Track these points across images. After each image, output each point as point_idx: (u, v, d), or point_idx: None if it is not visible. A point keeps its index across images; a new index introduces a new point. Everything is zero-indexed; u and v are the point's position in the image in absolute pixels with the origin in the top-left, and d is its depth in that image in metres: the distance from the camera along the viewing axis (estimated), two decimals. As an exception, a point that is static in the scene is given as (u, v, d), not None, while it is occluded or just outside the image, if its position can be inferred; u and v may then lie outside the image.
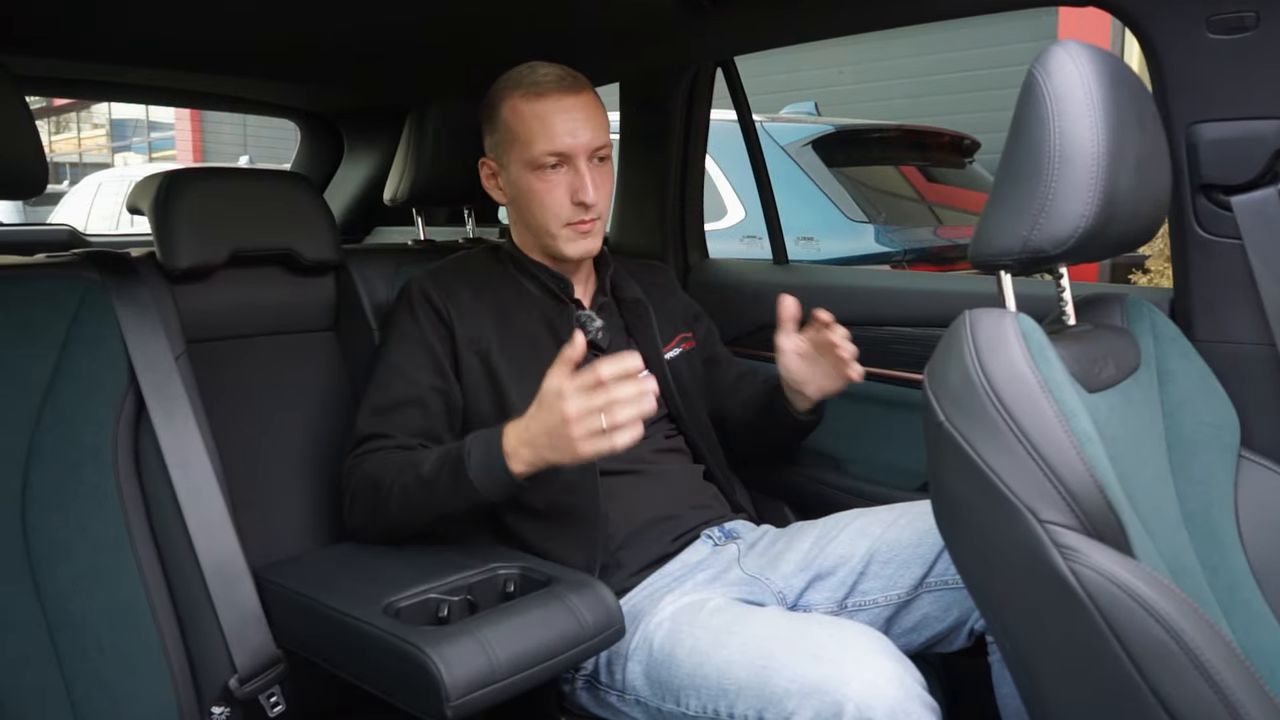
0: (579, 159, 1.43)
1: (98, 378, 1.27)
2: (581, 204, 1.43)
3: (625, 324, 1.56)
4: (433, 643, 1.07)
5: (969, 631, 1.30)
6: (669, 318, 1.63)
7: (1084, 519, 0.86)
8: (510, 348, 1.44)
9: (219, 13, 1.61)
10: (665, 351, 1.56)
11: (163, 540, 1.26)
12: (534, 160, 1.43)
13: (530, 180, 1.44)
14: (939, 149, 4.20)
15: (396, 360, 1.42)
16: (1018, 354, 0.90)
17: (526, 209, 1.47)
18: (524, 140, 1.43)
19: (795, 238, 3.15)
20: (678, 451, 1.55)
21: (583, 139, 1.42)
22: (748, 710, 1.13)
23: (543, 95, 1.42)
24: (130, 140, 18.42)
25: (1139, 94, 1.01)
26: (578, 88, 1.45)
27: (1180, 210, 1.27)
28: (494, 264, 1.55)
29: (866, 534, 1.37)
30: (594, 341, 1.48)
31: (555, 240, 1.46)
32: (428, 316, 1.43)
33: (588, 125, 1.43)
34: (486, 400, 1.43)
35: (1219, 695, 0.80)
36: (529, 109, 1.43)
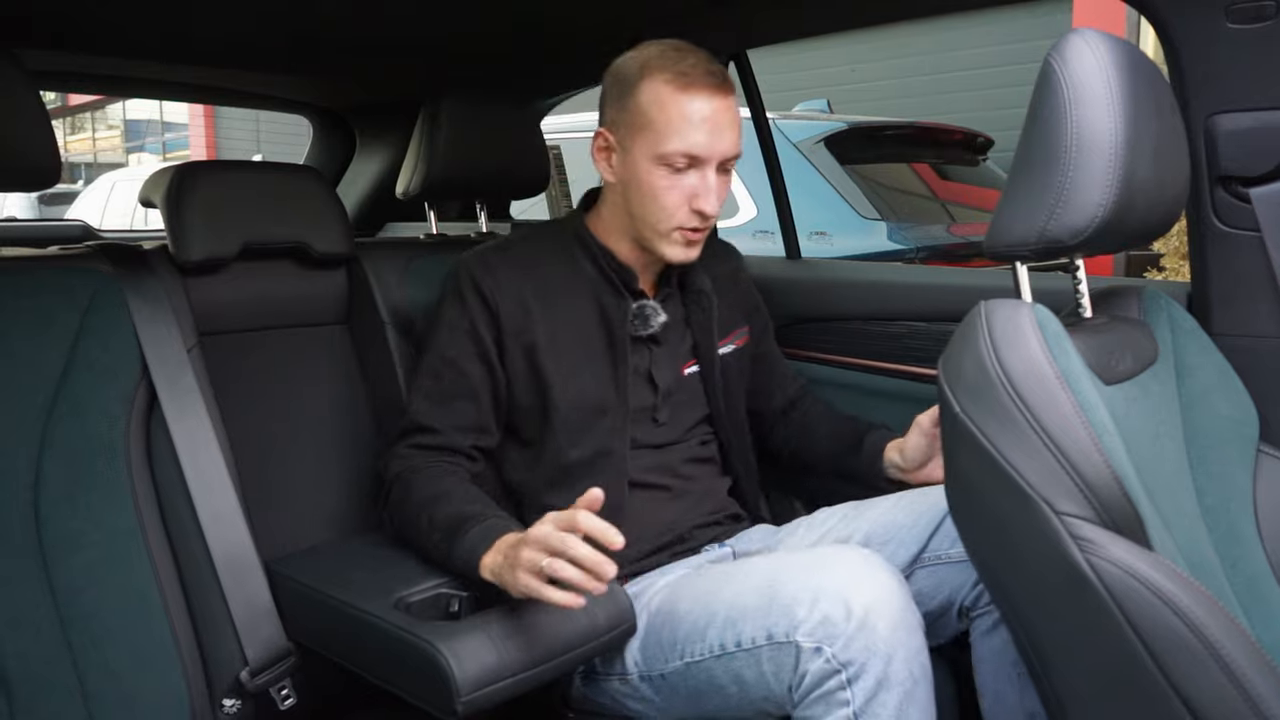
0: (709, 166, 1.33)
1: (110, 369, 1.27)
2: (700, 212, 1.34)
3: (686, 313, 1.50)
4: (444, 638, 1.07)
5: (959, 609, 1.30)
6: (731, 310, 1.56)
7: (1101, 511, 0.85)
8: (558, 341, 1.39)
9: (233, 8, 1.61)
10: (720, 346, 1.52)
11: (174, 532, 1.27)
12: (664, 155, 1.32)
13: (653, 174, 1.33)
14: (952, 146, 4.19)
15: (447, 349, 1.39)
16: (1034, 345, 0.89)
17: (639, 201, 1.36)
18: (658, 131, 1.32)
19: (808, 233, 3.14)
20: (708, 461, 1.51)
21: (720, 147, 1.32)
22: (756, 633, 1.14)
23: (692, 89, 1.31)
24: (144, 140, 18.52)
25: (1157, 83, 1.00)
26: (727, 89, 1.34)
27: (1198, 202, 1.25)
28: (554, 243, 1.46)
29: (864, 518, 1.37)
30: (654, 336, 1.44)
31: (660, 241, 1.37)
32: (476, 305, 1.38)
33: (728, 132, 1.33)
34: (530, 394, 1.39)
35: (1238, 689, 0.79)
36: (674, 100, 1.31)
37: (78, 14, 1.60)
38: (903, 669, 1.07)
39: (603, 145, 1.41)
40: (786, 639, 1.11)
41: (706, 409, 1.51)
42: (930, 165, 4.10)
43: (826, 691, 1.08)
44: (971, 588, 1.28)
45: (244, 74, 2.32)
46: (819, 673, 1.08)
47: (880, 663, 1.06)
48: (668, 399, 1.45)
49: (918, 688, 1.08)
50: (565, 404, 1.37)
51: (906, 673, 1.07)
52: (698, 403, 1.50)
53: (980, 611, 1.28)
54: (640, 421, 1.43)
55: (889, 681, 1.06)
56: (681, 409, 1.47)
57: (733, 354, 1.55)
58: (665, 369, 1.46)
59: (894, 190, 3.84)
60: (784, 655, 1.12)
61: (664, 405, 1.45)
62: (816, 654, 1.08)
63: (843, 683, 1.07)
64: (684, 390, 1.48)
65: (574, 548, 1.04)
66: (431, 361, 1.41)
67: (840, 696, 1.07)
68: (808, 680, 1.09)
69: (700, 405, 1.50)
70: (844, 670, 1.07)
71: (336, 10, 1.66)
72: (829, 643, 1.08)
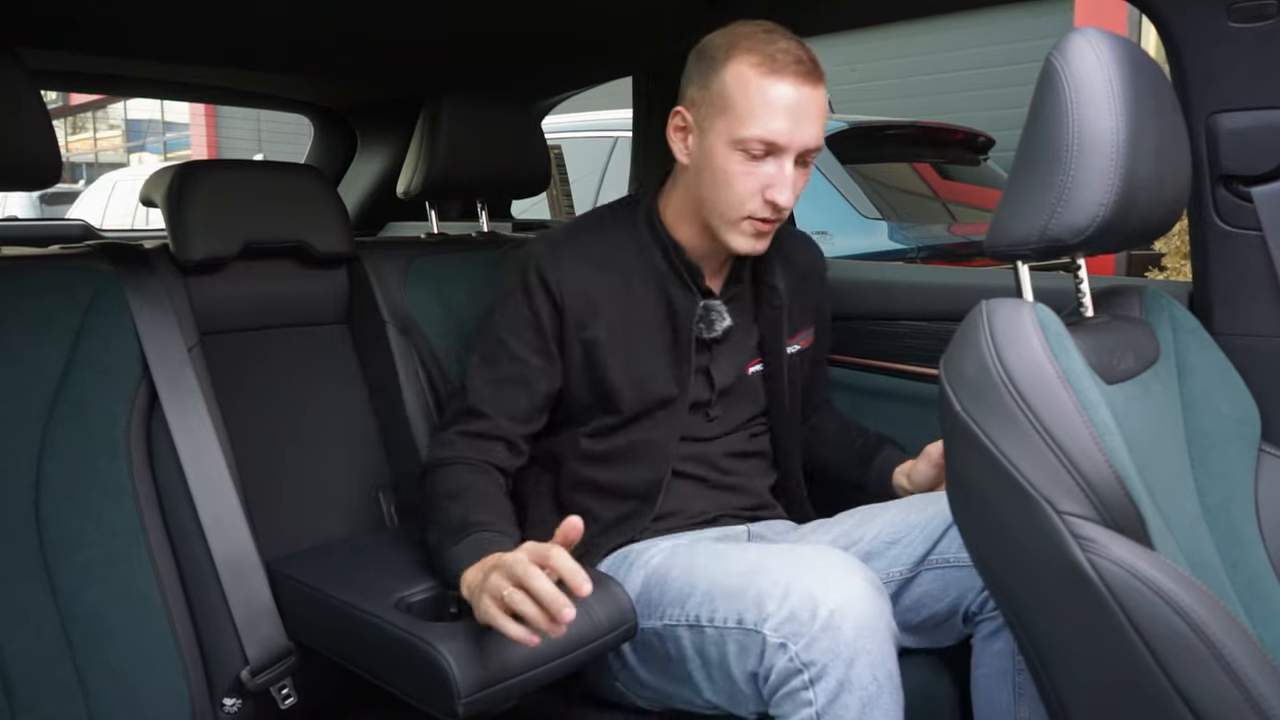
0: (788, 156, 1.28)
1: (111, 369, 1.27)
2: (772, 203, 1.29)
3: (756, 310, 1.47)
4: (445, 639, 1.07)
5: (964, 616, 1.29)
6: (802, 309, 1.53)
7: (1103, 511, 0.84)
8: (620, 336, 1.37)
9: (234, 8, 1.61)
10: (788, 345, 1.49)
11: (175, 531, 1.27)
12: (742, 140, 1.27)
13: (729, 158, 1.29)
14: (953, 146, 4.19)
15: (507, 337, 1.38)
16: (1035, 344, 0.89)
17: (711, 185, 1.32)
18: (739, 114, 1.27)
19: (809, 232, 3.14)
20: (758, 455, 1.50)
21: (800, 137, 1.27)
22: (728, 614, 1.15)
23: (778, 74, 1.25)
24: (145, 140, 18.53)
25: (1159, 82, 1.00)
26: (815, 78, 1.28)
27: (1199, 201, 1.25)
28: (625, 229, 1.42)
29: (878, 520, 1.37)
30: (715, 339, 1.41)
31: (728, 229, 1.32)
32: (540, 296, 1.36)
33: (812, 122, 1.28)
34: (585, 387, 1.38)
35: (1240, 688, 0.79)
36: (758, 84, 1.26)
37: (79, 14, 1.60)
38: (866, 673, 1.07)
39: (680, 125, 1.35)
40: (754, 628, 1.12)
41: (763, 405, 1.49)
42: (931, 165, 4.10)
43: (791, 690, 1.09)
44: (978, 593, 1.27)
45: (245, 73, 2.31)
46: (784, 670, 1.09)
47: (842, 666, 1.06)
48: (723, 397, 1.44)
49: (882, 693, 1.07)
50: (622, 398, 1.37)
51: (870, 677, 1.07)
52: (755, 400, 1.48)
53: (984, 616, 1.28)
54: (693, 416, 1.42)
55: (850, 685, 1.06)
56: (735, 406, 1.46)
57: (797, 354, 1.52)
58: (725, 367, 1.44)
59: (895, 190, 3.84)
60: (750, 642, 1.13)
61: (718, 402, 1.43)
62: (781, 650, 1.09)
63: (805, 682, 1.07)
64: (742, 387, 1.46)
65: (535, 582, 1.00)
66: (490, 347, 1.39)
67: (804, 696, 1.08)
68: (774, 677, 1.10)
69: (757, 402, 1.48)
70: (806, 670, 1.07)
71: (337, 10, 1.66)
72: (793, 640, 1.08)
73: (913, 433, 1.66)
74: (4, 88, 1.21)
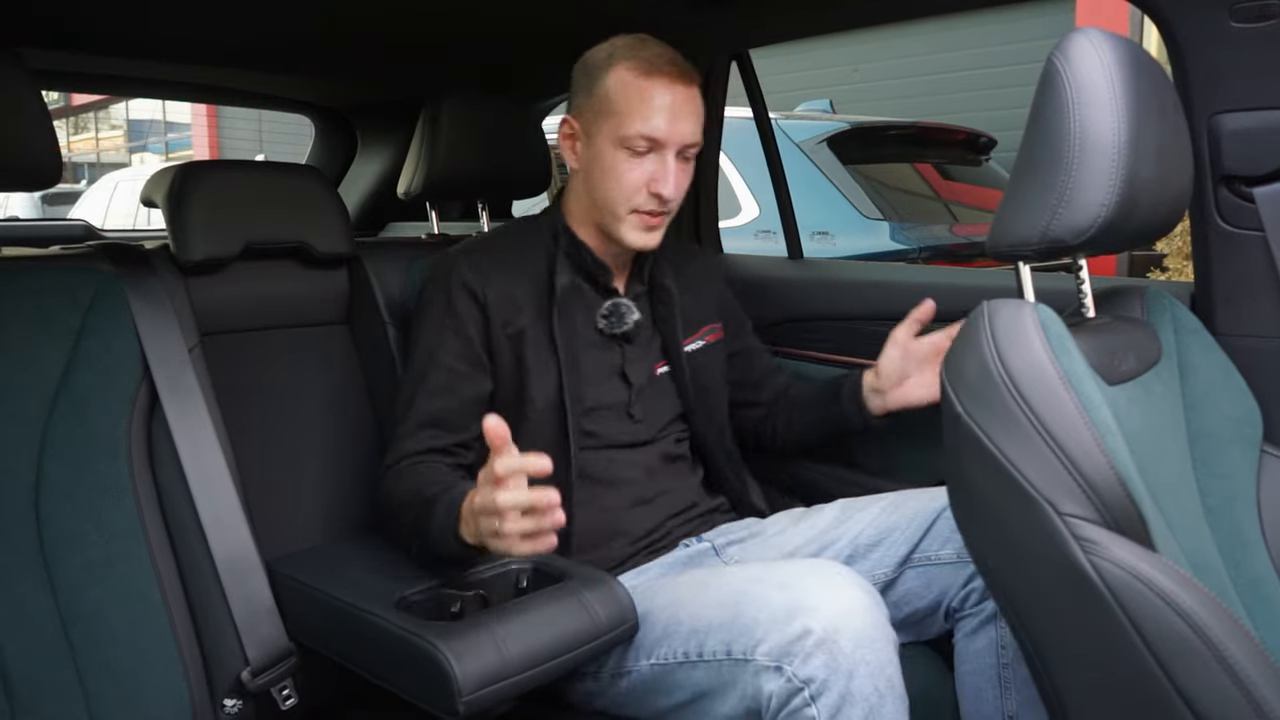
0: (669, 150, 1.37)
1: (111, 369, 1.27)
2: (657, 195, 1.37)
3: (653, 313, 1.52)
4: (445, 637, 1.07)
5: (946, 610, 1.30)
6: (699, 307, 1.58)
7: (1104, 512, 0.84)
8: (541, 334, 1.41)
9: (235, 7, 1.61)
10: (687, 344, 1.54)
11: (175, 532, 1.26)
12: (625, 138, 1.36)
13: (615, 156, 1.38)
14: (955, 146, 4.19)
15: (432, 348, 1.40)
16: (1037, 345, 0.89)
17: (600, 183, 1.40)
18: (621, 114, 1.36)
19: (811, 233, 3.14)
20: (682, 459, 1.52)
21: (678, 132, 1.37)
22: (716, 647, 1.14)
23: (654, 76, 1.36)
24: (147, 140, 18.54)
25: (1160, 82, 1.00)
26: (689, 78, 1.39)
27: (1201, 202, 1.25)
28: (533, 238, 1.49)
29: (855, 520, 1.37)
30: (627, 334, 1.46)
31: (618, 224, 1.40)
32: (462, 300, 1.40)
33: (688, 118, 1.38)
34: (511, 388, 1.41)
35: (1242, 690, 0.79)
36: (636, 85, 1.36)
37: (80, 13, 1.60)
38: (867, 684, 1.06)
39: (569, 133, 1.45)
40: (744, 657, 1.11)
41: (680, 407, 1.52)
42: (933, 165, 4.10)
43: (793, 710, 1.07)
44: (960, 588, 1.28)
45: (246, 74, 2.32)
46: (783, 693, 1.07)
47: (842, 679, 1.05)
48: (640, 395, 1.47)
49: (884, 702, 1.07)
50: (540, 396, 1.39)
51: (871, 688, 1.06)
52: (671, 401, 1.51)
53: (966, 612, 1.28)
54: (616, 418, 1.44)
55: (852, 697, 1.05)
56: (655, 406, 1.49)
57: (703, 350, 1.56)
58: (637, 367, 1.48)
59: (897, 190, 3.83)
60: (742, 673, 1.11)
61: (637, 401, 1.47)
62: (777, 673, 1.08)
63: (806, 700, 1.06)
64: (656, 387, 1.50)
65: (507, 500, 1.03)
66: (419, 362, 1.41)
67: (806, 713, 1.06)
68: (774, 702, 1.08)
69: (674, 404, 1.51)
70: (806, 688, 1.06)
71: (338, 10, 1.66)
72: (787, 661, 1.07)
73: (912, 433, 1.67)
74: (5, 88, 1.21)
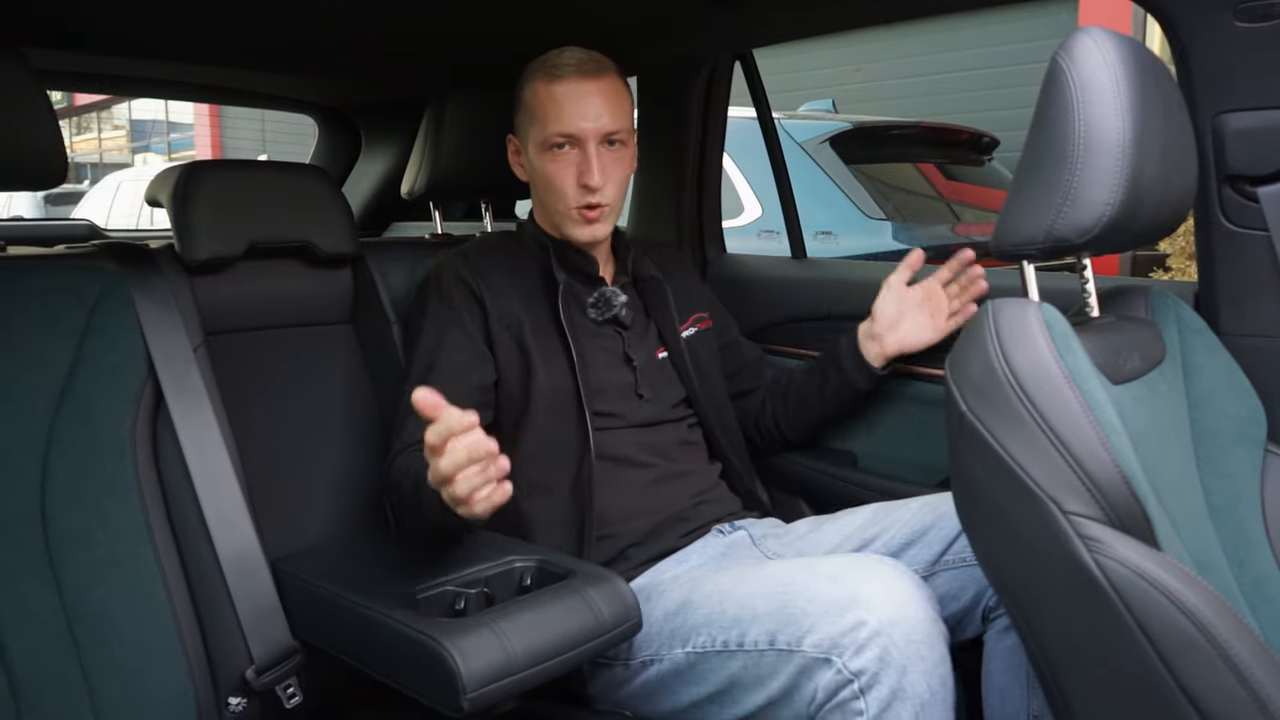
0: (588, 142, 1.44)
1: (117, 368, 1.27)
2: (586, 187, 1.44)
3: (644, 303, 1.58)
4: (449, 634, 1.07)
5: (982, 611, 1.29)
6: (686, 298, 1.64)
7: (1109, 511, 0.84)
8: (540, 325, 1.45)
9: (238, 7, 1.61)
10: (682, 330, 1.58)
11: (180, 531, 1.27)
12: (546, 141, 1.45)
13: (543, 161, 1.47)
14: (958, 146, 4.18)
15: (433, 344, 1.43)
16: (1041, 344, 0.89)
17: (542, 190, 1.50)
18: (539, 121, 1.46)
19: (814, 233, 3.14)
20: (696, 445, 1.55)
21: (593, 123, 1.44)
22: (759, 636, 1.15)
23: (560, 79, 1.45)
24: (150, 140, 18.56)
25: (1165, 82, 1.00)
26: (597, 73, 1.46)
27: (1205, 201, 1.25)
28: (516, 244, 1.56)
29: (890, 519, 1.37)
30: (618, 318, 1.51)
31: (565, 223, 1.49)
32: (460, 296, 1.45)
33: (601, 110, 1.44)
34: (516, 378, 1.43)
35: (1247, 689, 0.79)
36: (546, 91, 1.45)
37: (83, 13, 1.60)
38: (920, 681, 1.05)
39: (514, 149, 1.57)
40: (789, 648, 1.11)
41: (683, 390, 1.55)
42: (936, 165, 4.10)
43: (841, 702, 1.07)
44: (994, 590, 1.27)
45: (249, 73, 2.32)
46: (831, 685, 1.07)
47: (895, 674, 1.05)
48: (645, 376, 1.51)
49: (935, 700, 1.06)
50: (549, 384, 1.42)
51: (925, 685, 1.05)
52: (674, 385, 1.55)
53: (998, 612, 1.27)
54: (625, 399, 1.48)
55: (904, 693, 1.05)
56: (661, 388, 1.52)
57: (697, 336, 1.61)
58: (639, 350, 1.52)
59: (899, 190, 3.83)
60: (784, 664, 1.11)
61: (644, 382, 1.50)
62: (825, 665, 1.08)
63: (856, 692, 1.06)
64: (659, 371, 1.54)
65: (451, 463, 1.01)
66: (421, 359, 1.42)
67: (855, 706, 1.06)
68: (820, 694, 1.08)
69: (678, 387, 1.54)
70: (856, 680, 1.06)
71: (341, 9, 1.66)
72: (838, 653, 1.07)
73: (918, 433, 1.67)
74: (10, 87, 1.21)
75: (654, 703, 1.27)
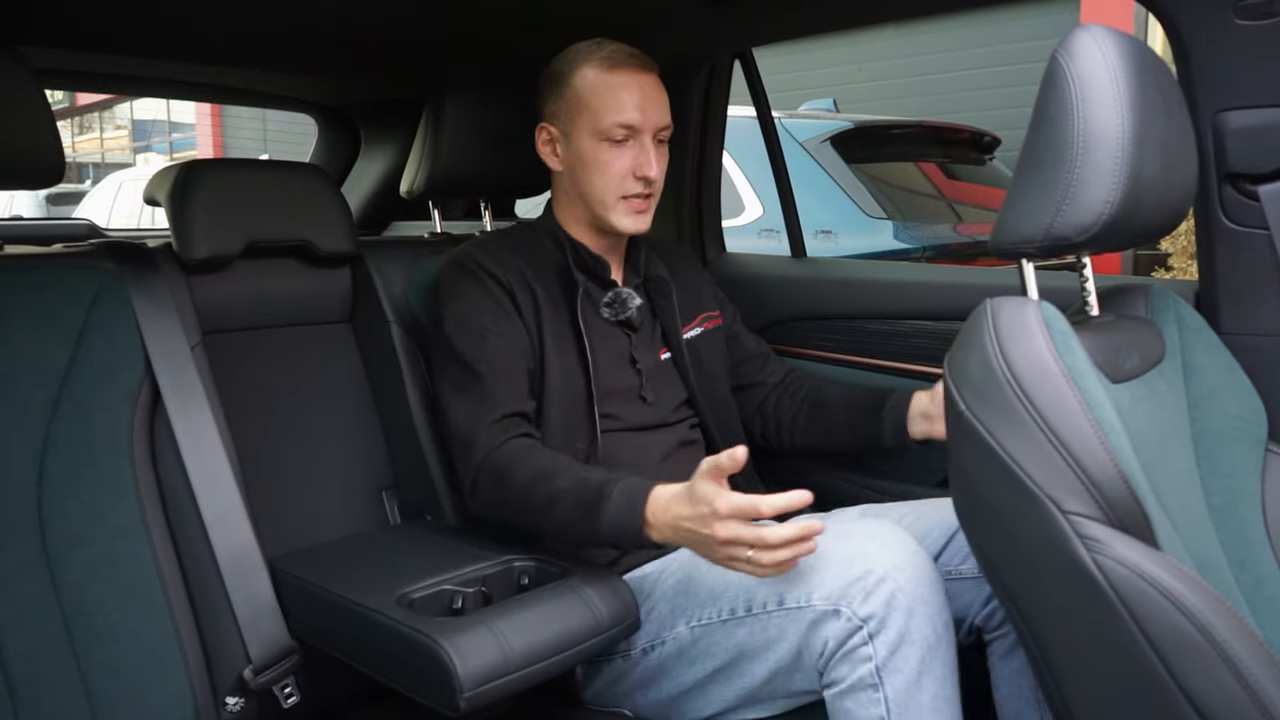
0: (646, 135, 1.44)
1: (114, 367, 1.27)
2: (644, 178, 1.44)
3: (650, 303, 1.56)
4: (446, 634, 1.07)
5: (969, 626, 1.29)
6: (694, 296, 1.63)
7: (1108, 510, 0.84)
8: (554, 321, 1.44)
9: (239, 7, 1.61)
10: (686, 331, 1.57)
11: (178, 530, 1.26)
12: (604, 130, 1.43)
13: (597, 149, 1.45)
14: (959, 145, 4.18)
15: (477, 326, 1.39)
16: (1040, 342, 0.89)
17: (586, 178, 1.47)
18: (595, 109, 1.44)
19: (813, 232, 3.13)
20: (697, 445, 1.54)
21: (652, 116, 1.45)
22: (768, 597, 1.16)
23: (618, 68, 1.44)
24: (151, 140, 18.57)
25: (1165, 80, 1.00)
26: (649, 66, 1.47)
27: (1206, 200, 1.25)
28: (533, 239, 1.54)
29: None
30: (630, 321, 1.50)
31: (609, 212, 1.46)
32: (489, 280, 1.42)
33: (657, 104, 1.46)
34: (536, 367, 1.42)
35: (1246, 690, 0.78)
36: (603, 80, 1.44)
37: (83, 12, 1.60)
38: (925, 624, 1.08)
39: (546, 139, 1.53)
40: (798, 605, 1.13)
41: (685, 392, 1.54)
42: (937, 164, 4.09)
43: (850, 649, 1.09)
44: (983, 605, 1.27)
45: (249, 73, 2.32)
46: (840, 634, 1.09)
47: (902, 616, 1.07)
48: (649, 379, 1.50)
49: (940, 644, 1.09)
50: (560, 382, 1.41)
51: (930, 629, 1.09)
52: (676, 386, 1.54)
53: (997, 634, 1.27)
54: (629, 401, 1.47)
55: (910, 637, 1.07)
56: (663, 390, 1.52)
57: (702, 337, 1.59)
58: (644, 353, 1.51)
59: (901, 189, 3.82)
60: (791, 623, 1.13)
61: (648, 385, 1.49)
62: (834, 616, 1.10)
63: (865, 638, 1.08)
64: (662, 373, 1.53)
65: (769, 542, 1.07)
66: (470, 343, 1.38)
67: (863, 652, 1.08)
68: (830, 645, 1.10)
69: (679, 389, 1.54)
70: (865, 625, 1.08)
71: (341, 9, 1.66)
72: (845, 602, 1.09)
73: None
74: (7, 86, 1.21)
75: (654, 690, 1.27)
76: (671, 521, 1.16)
